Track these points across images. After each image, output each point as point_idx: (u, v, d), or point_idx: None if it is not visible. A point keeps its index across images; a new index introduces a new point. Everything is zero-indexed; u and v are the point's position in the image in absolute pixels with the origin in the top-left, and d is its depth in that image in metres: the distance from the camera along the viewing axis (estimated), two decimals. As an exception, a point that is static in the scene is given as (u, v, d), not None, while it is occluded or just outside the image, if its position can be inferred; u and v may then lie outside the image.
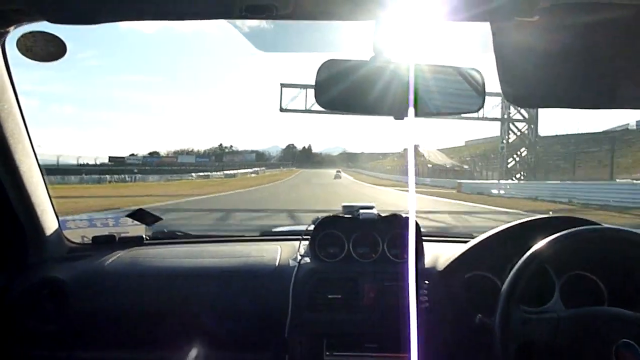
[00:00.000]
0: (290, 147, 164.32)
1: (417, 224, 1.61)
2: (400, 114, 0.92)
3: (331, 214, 1.65)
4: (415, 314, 0.95)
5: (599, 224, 1.33)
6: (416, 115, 0.93)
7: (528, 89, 0.84)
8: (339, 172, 62.96)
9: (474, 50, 1.09)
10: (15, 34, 1.09)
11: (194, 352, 1.53)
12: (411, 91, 0.90)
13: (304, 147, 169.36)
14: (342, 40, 1.08)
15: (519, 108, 29.21)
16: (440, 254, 1.57)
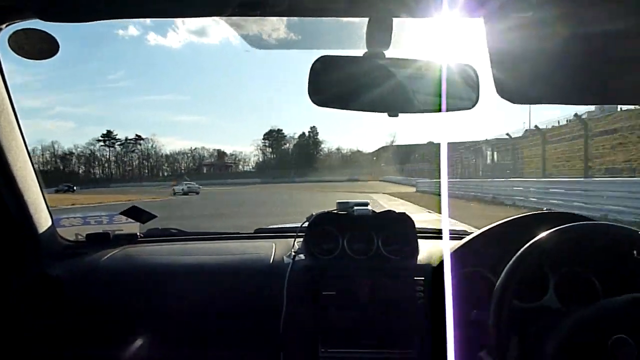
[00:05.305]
0: (273, 134, 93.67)
1: (411, 221, 1.62)
2: (394, 111, 0.93)
3: (326, 211, 1.65)
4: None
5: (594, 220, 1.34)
6: (410, 111, 0.93)
7: (522, 86, 0.84)
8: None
9: (468, 46, 1.09)
10: (7, 32, 1.08)
11: (188, 349, 1.53)
12: (404, 88, 0.91)
13: (305, 134, 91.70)
14: (336, 37, 1.08)
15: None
16: (435, 251, 1.58)
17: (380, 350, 1.46)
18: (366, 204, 1.66)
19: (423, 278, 1.46)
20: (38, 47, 1.05)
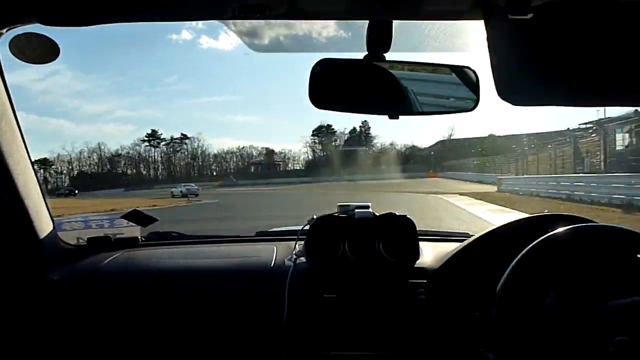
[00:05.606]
0: (322, 130, 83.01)
1: (412, 223, 1.61)
2: (394, 113, 0.93)
3: (327, 214, 1.65)
4: None
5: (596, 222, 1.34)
6: (410, 114, 0.93)
7: (523, 88, 0.84)
8: None
9: (468, 49, 1.09)
10: (7, 36, 1.08)
11: (190, 352, 1.53)
12: (405, 90, 0.91)
13: (357, 129, 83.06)
14: (336, 39, 1.08)
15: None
16: (436, 253, 1.57)
17: (381, 352, 1.45)
18: (367, 207, 1.66)
19: (425, 281, 1.46)
20: (38, 52, 1.06)
